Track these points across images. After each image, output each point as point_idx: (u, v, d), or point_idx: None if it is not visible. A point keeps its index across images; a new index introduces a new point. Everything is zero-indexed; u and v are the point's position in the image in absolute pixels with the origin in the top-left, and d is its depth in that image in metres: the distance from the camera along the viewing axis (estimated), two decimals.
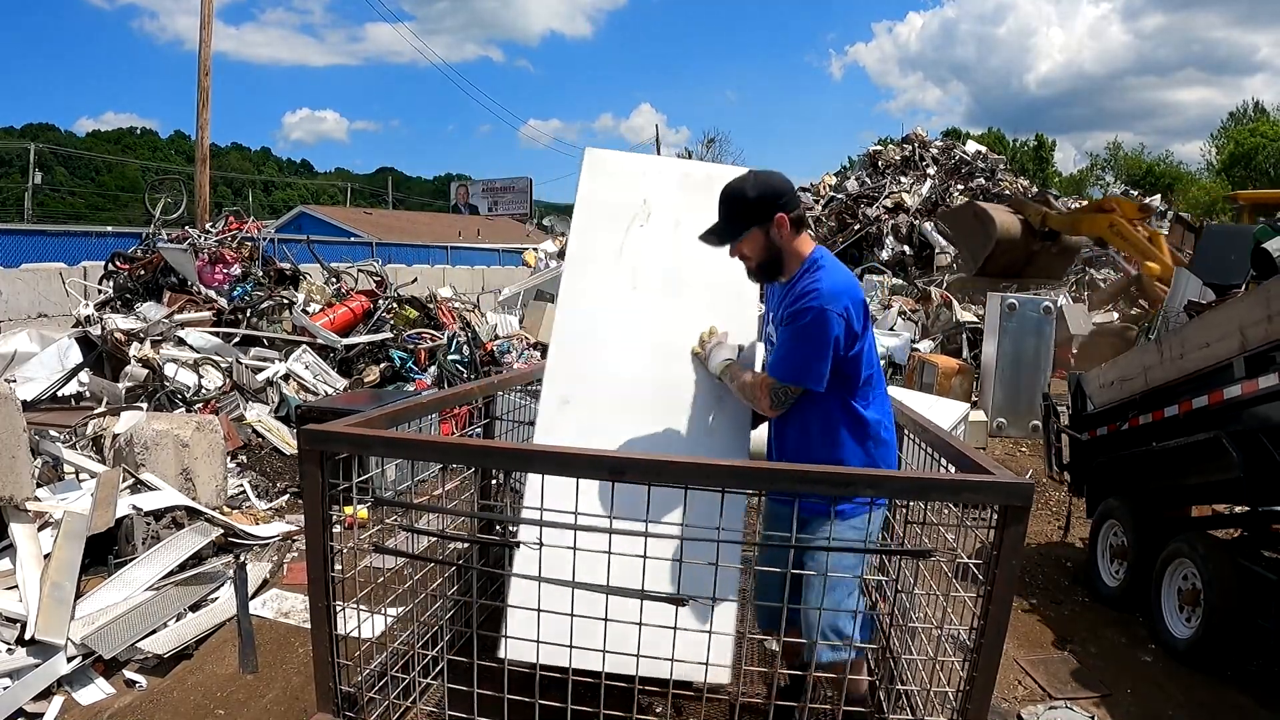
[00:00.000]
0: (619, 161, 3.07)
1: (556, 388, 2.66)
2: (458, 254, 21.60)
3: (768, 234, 2.25)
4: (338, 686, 2.07)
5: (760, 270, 2.34)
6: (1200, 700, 3.20)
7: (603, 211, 2.89)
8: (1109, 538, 4.27)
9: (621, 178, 2.98)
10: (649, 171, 3.05)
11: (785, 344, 2.23)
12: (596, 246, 2.85)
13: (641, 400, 2.59)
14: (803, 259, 2.29)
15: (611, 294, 2.77)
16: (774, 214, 2.23)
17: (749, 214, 2.24)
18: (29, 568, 3.33)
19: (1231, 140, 40.57)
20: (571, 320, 2.76)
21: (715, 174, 2.74)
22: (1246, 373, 3.18)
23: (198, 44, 13.18)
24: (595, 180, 2.95)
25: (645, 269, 2.80)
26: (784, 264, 2.29)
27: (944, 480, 1.86)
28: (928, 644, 2.15)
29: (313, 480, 1.98)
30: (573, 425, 2.56)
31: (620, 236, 2.84)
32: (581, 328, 2.73)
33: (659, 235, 2.85)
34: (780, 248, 2.26)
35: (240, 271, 7.92)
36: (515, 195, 39.04)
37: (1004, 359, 8.05)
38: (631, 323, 2.72)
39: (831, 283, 2.19)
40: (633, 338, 2.69)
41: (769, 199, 2.23)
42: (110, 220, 21.85)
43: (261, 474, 5.41)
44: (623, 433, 2.52)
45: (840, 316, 2.15)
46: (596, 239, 2.86)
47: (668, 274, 2.78)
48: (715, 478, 1.94)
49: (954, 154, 15.44)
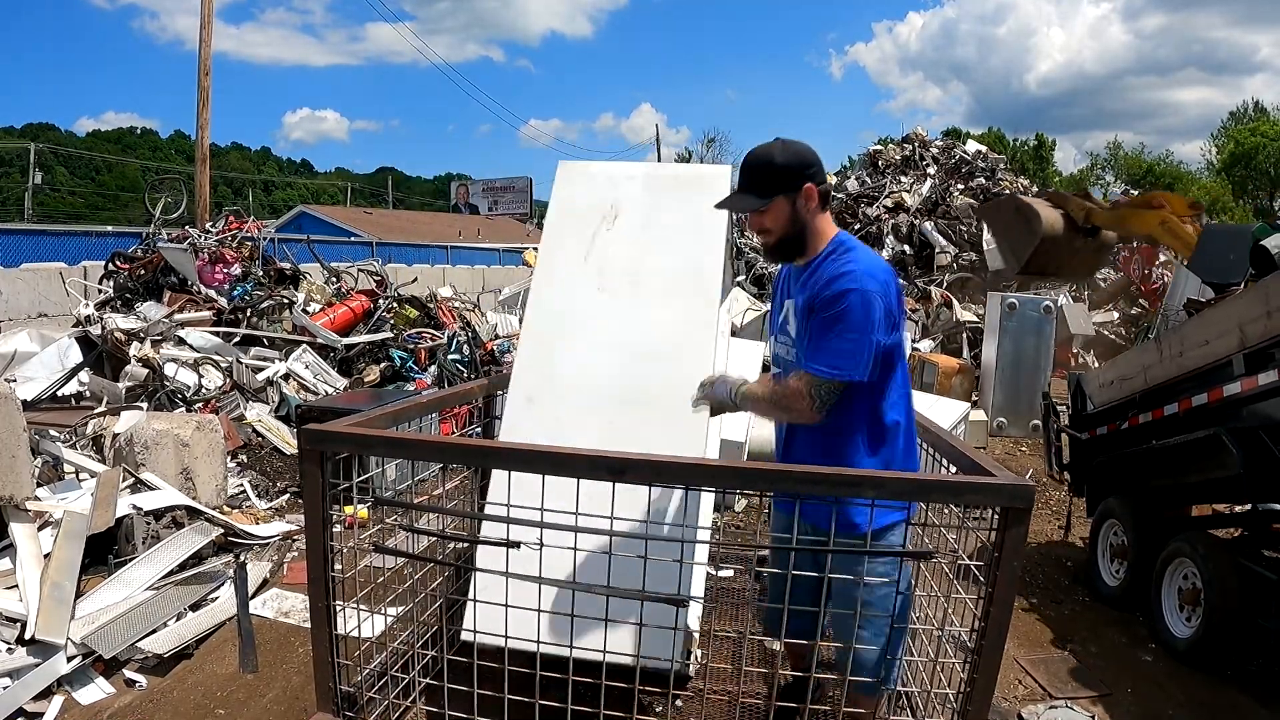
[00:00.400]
0: (590, 170, 3.23)
1: (522, 388, 2.78)
2: (458, 254, 21.58)
3: (794, 205, 2.05)
4: (337, 686, 2.07)
5: (780, 246, 2.13)
6: (1200, 700, 3.20)
7: (572, 218, 3.01)
8: (1109, 537, 4.27)
9: (592, 185, 3.12)
10: (617, 177, 3.18)
11: (823, 333, 1.97)
12: (565, 251, 2.97)
13: (604, 398, 2.69)
14: (827, 239, 2.10)
15: (577, 295, 2.87)
16: (802, 184, 2.04)
17: (776, 182, 2.04)
18: (29, 567, 3.33)
19: (1232, 140, 40.57)
20: (538, 321, 2.88)
21: (682, 174, 2.94)
22: (1246, 370, 3.18)
23: (198, 44, 13.19)
24: (566, 189, 3.09)
25: (611, 269, 2.91)
26: (806, 241, 2.10)
27: (945, 481, 1.86)
28: (928, 645, 2.15)
29: (313, 480, 1.98)
30: (537, 423, 2.67)
31: (587, 241, 2.96)
32: (547, 328, 2.85)
33: (626, 236, 2.96)
34: (805, 223, 2.07)
35: (240, 271, 7.92)
36: (515, 195, 39.05)
37: (1004, 358, 8.05)
38: (596, 323, 2.82)
39: (867, 264, 2.01)
40: (597, 338, 2.79)
41: (797, 168, 2.04)
42: (110, 220, 21.84)
43: (261, 473, 5.41)
44: (586, 429, 2.59)
45: (881, 298, 1.95)
46: (565, 244, 2.98)
47: (633, 274, 2.88)
48: (717, 478, 1.94)
49: (954, 154, 15.42)
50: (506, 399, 2.78)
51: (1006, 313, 8.08)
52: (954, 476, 1.96)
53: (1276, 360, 3.03)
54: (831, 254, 2.07)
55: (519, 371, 2.82)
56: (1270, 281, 3.14)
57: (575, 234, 2.98)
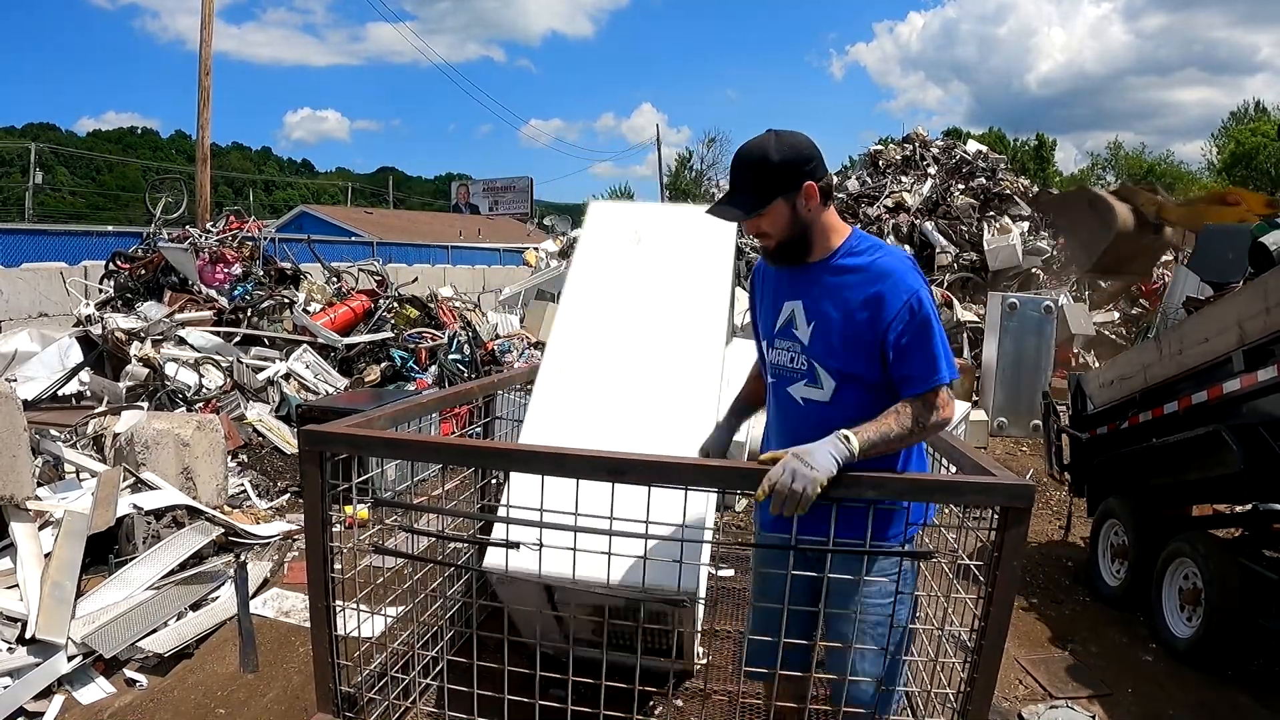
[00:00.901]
0: (618, 208, 3.83)
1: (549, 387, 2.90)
2: (458, 253, 21.61)
3: (794, 206, 1.86)
4: (338, 686, 2.08)
5: (782, 250, 1.94)
6: (1201, 700, 3.20)
7: (600, 246, 3.35)
8: (1110, 537, 4.27)
9: (620, 220, 3.47)
10: (643, 213, 3.58)
11: (925, 340, 1.82)
12: (592, 274, 3.25)
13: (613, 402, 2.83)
14: (841, 235, 1.93)
15: (600, 315, 3.10)
16: (801, 182, 1.84)
17: (772, 182, 1.84)
18: (29, 567, 3.33)
19: (1232, 140, 40.54)
20: (564, 343, 3.07)
21: (697, 212, 3.20)
22: (1245, 366, 3.18)
23: (199, 44, 13.22)
24: (596, 223, 3.47)
25: (630, 293, 3.15)
26: (812, 242, 1.92)
27: (946, 481, 1.86)
28: (928, 645, 2.15)
29: (313, 480, 1.98)
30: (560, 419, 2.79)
31: (612, 267, 3.25)
32: (573, 348, 3.03)
33: (645, 263, 3.24)
34: (808, 223, 1.89)
35: (241, 271, 7.93)
36: (516, 195, 39.07)
37: (1005, 358, 8.04)
38: (616, 343, 3.01)
39: (903, 261, 1.90)
40: (617, 355, 2.97)
41: (796, 164, 1.84)
42: (111, 220, 21.81)
43: (262, 473, 5.41)
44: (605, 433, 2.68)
45: (928, 293, 1.86)
46: (593, 267, 3.27)
47: (649, 296, 3.11)
48: (717, 478, 1.94)
49: (955, 153, 15.37)
50: (533, 396, 2.93)
51: (1007, 313, 8.07)
52: (954, 476, 1.96)
53: (1276, 356, 3.03)
54: (856, 251, 1.92)
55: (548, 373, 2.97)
56: (1269, 277, 3.14)
57: (602, 258, 3.30)
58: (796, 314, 1.96)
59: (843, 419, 1.80)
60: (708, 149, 43.21)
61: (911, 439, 1.86)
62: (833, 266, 1.92)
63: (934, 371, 1.83)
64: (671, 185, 40.38)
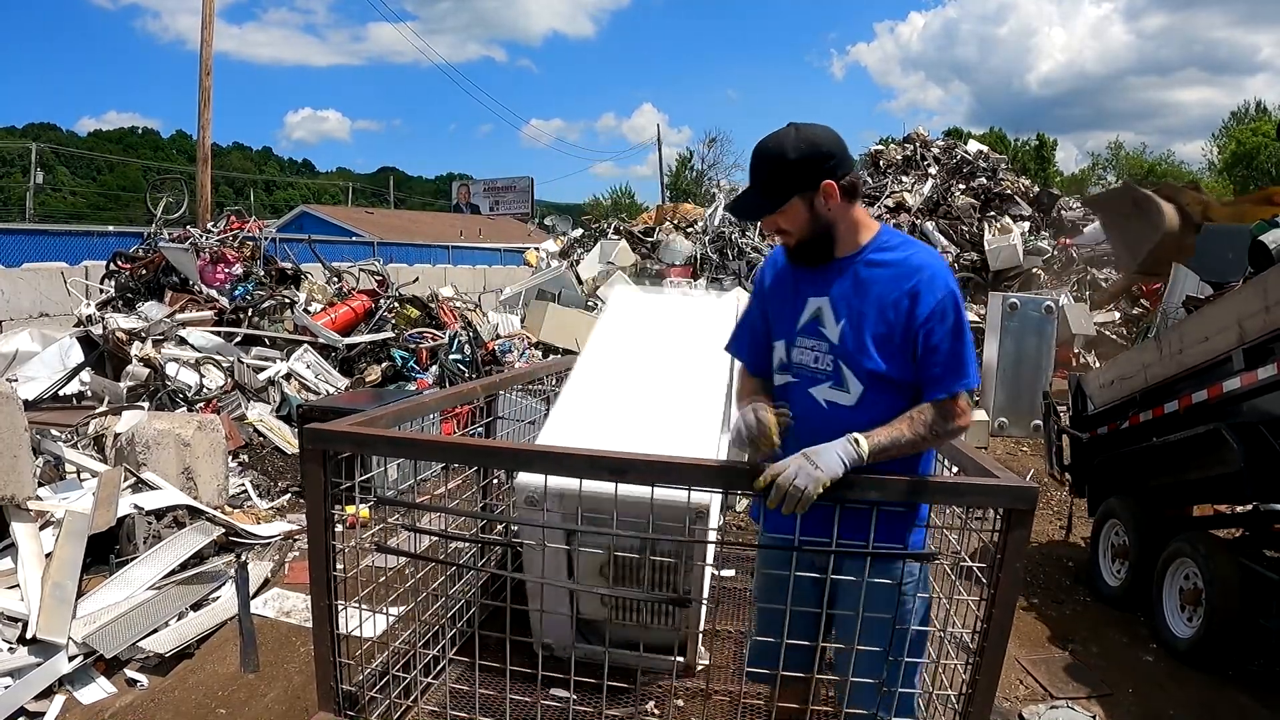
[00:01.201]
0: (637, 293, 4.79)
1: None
2: (459, 253, 21.59)
3: (812, 205, 1.79)
4: (339, 686, 2.08)
5: (802, 248, 1.86)
6: (1201, 700, 3.20)
7: (621, 320, 3.87)
8: (1110, 537, 4.27)
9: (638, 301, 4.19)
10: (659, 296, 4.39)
11: (957, 342, 1.78)
12: (613, 335, 3.70)
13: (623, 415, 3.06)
14: (870, 231, 1.86)
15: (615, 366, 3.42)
16: (820, 180, 1.76)
17: (789, 180, 1.77)
18: (30, 567, 3.33)
19: (1233, 140, 40.50)
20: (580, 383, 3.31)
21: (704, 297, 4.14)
22: (1245, 365, 3.18)
23: (199, 44, 13.23)
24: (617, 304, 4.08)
25: (642, 360, 3.47)
26: (835, 241, 1.83)
27: (948, 483, 1.86)
28: (930, 646, 2.15)
29: (314, 479, 1.98)
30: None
31: (627, 335, 3.69)
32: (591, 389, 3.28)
33: (658, 335, 3.69)
34: (830, 222, 1.81)
35: (242, 271, 7.93)
36: (517, 195, 39.07)
37: (1005, 359, 8.04)
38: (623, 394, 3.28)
39: (937, 258, 1.84)
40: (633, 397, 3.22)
41: (814, 161, 1.76)
42: (112, 220, 21.79)
43: (263, 473, 5.41)
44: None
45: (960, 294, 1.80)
46: (614, 330, 3.76)
47: (659, 358, 3.42)
48: (718, 478, 1.94)
49: (955, 153, 15.38)
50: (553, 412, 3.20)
51: (1008, 313, 8.07)
52: (956, 478, 1.96)
53: (1276, 354, 3.03)
54: (886, 248, 1.85)
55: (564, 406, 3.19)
56: (1269, 276, 3.14)
57: (621, 326, 3.81)
58: (824, 311, 1.86)
59: (867, 426, 1.75)
60: (708, 149, 43.24)
61: (924, 445, 1.80)
62: (864, 261, 1.84)
63: (961, 376, 1.78)
64: (672, 185, 40.39)
